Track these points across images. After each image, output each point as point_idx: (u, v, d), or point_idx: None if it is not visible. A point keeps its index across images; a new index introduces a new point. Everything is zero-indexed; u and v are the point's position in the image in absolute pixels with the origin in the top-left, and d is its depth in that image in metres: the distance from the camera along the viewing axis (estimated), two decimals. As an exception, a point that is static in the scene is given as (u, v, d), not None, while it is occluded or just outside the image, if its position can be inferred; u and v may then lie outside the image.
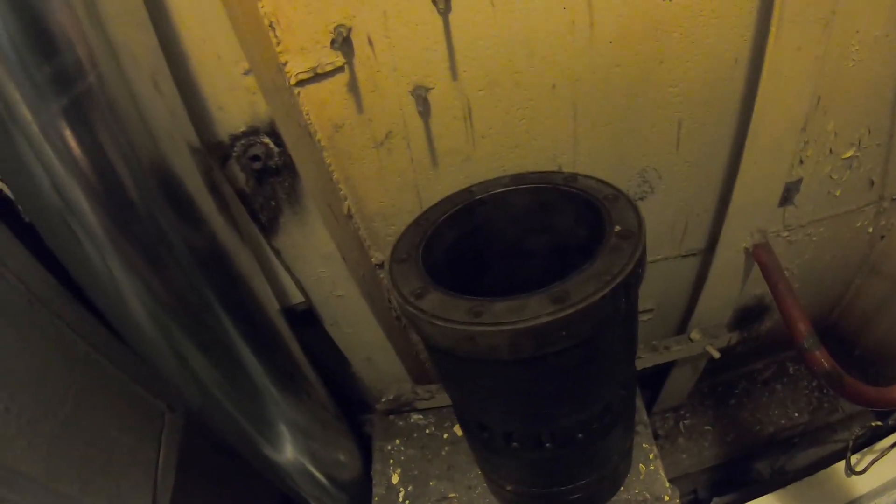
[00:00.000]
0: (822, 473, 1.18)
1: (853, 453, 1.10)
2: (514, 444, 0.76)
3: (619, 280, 0.59)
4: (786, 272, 1.32)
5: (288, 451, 1.02)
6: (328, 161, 0.90)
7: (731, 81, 0.90)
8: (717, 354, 1.13)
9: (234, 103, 0.72)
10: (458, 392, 0.76)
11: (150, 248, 0.68)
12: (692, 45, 0.84)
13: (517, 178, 0.82)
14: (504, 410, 0.71)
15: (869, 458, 1.11)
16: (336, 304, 0.95)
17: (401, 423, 1.18)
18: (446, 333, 0.60)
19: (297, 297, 0.91)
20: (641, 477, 1.03)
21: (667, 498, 1.00)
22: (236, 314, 0.81)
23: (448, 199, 0.82)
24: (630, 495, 1.01)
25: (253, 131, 0.76)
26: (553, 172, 0.81)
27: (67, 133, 0.59)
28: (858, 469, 1.10)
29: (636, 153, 0.96)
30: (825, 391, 1.54)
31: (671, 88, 0.89)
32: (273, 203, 0.83)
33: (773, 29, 0.79)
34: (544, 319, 0.56)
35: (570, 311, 0.57)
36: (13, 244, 0.81)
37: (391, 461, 1.14)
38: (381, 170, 0.91)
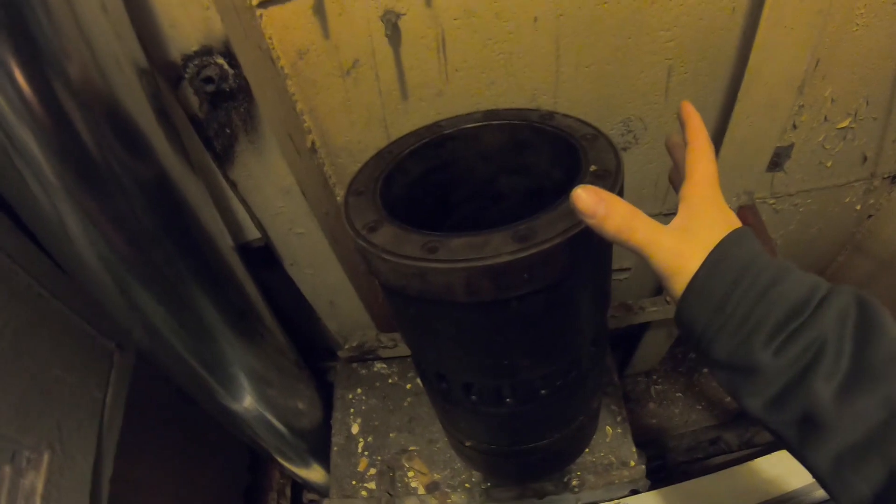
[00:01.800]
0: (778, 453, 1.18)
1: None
2: (474, 397, 0.73)
3: (589, 220, 0.55)
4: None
5: (244, 399, 1.00)
6: (291, 90, 0.84)
7: (727, 31, 0.84)
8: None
9: (188, 19, 0.66)
10: (415, 338, 0.73)
11: (94, 177, 0.63)
12: (688, -15, 0.79)
13: (490, 114, 0.77)
14: (462, 360, 0.68)
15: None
16: (296, 243, 0.91)
17: (363, 371, 1.16)
18: (397, 270, 0.57)
19: (253, 234, 0.87)
20: (608, 439, 1.03)
21: (632, 463, 1.00)
22: (184, 248, 0.76)
23: (415, 133, 0.77)
24: (595, 458, 1.01)
25: (206, 51, 0.70)
26: (529, 110, 0.76)
27: (7, 56, 0.54)
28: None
29: (621, 100, 0.92)
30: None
31: (662, 32, 0.84)
32: (228, 130, 0.78)
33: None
34: (506, 258, 0.52)
35: (535, 250, 0.52)
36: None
37: (352, 410, 1.12)
38: (348, 101, 0.86)
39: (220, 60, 0.72)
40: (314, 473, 1.28)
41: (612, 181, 0.60)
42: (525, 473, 0.95)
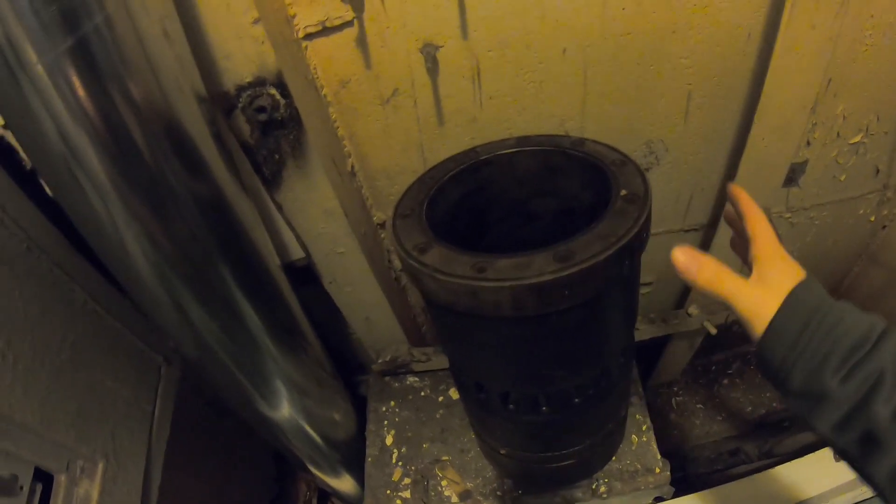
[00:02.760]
0: (809, 456, 1.21)
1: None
2: (511, 405, 0.78)
3: (623, 242, 0.60)
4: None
5: (283, 408, 1.04)
6: (333, 117, 0.90)
7: (744, 56, 0.89)
8: (713, 330, 1.15)
9: (242, 52, 0.72)
10: (458, 350, 0.78)
11: (154, 196, 0.67)
12: (706, 16, 0.84)
13: (523, 141, 0.83)
14: (503, 370, 0.73)
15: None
16: (336, 262, 0.96)
17: (396, 384, 1.21)
18: (449, 288, 0.62)
19: (297, 253, 0.92)
20: (634, 448, 1.06)
21: (658, 470, 1.04)
22: (237, 267, 0.82)
23: (453, 159, 0.83)
24: (622, 465, 1.05)
25: (259, 82, 0.75)
26: (560, 136, 0.82)
27: (73, 75, 0.58)
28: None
29: (644, 123, 0.97)
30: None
31: (682, 60, 0.89)
32: (277, 156, 0.83)
33: (787, 4, 0.79)
34: (549, 277, 0.57)
35: (575, 269, 0.58)
36: (13, 190, 0.81)
37: (385, 422, 1.16)
38: (387, 127, 0.92)
39: (273, 91, 0.77)
40: (345, 484, 1.32)
41: (641, 205, 0.65)
42: (556, 480, 0.99)
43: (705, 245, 1.15)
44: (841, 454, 0.53)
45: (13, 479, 0.70)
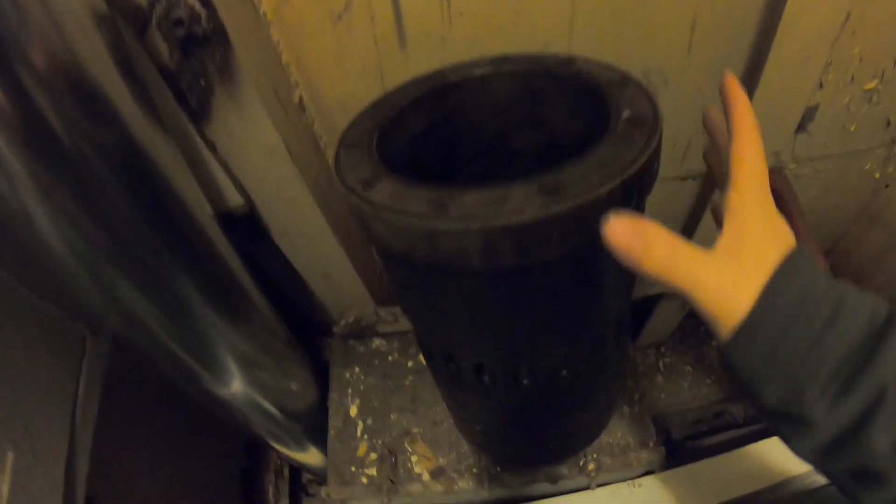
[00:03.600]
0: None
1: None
2: (486, 378, 0.64)
3: (630, 172, 0.44)
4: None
5: (233, 384, 0.89)
6: (276, 38, 0.72)
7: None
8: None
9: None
10: (419, 315, 0.62)
11: (54, 153, 0.52)
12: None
13: (500, 60, 0.66)
14: (475, 339, 0.58)
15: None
16: (284, 210, 0.79)
17: (361, 348, 1.06)
18: (400, 232, 0.46)
19: (235, 199, 0.76)
20: (624, 420, 0.93)
21: (651, 444, 0.91)
22: (157, 222, 0.65)
23: (415, 81, 0.66)
24: (612, 439, 0.92)
25: (173, -12, 0.58)
26: (544, 55, 0.65)
27: None
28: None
29: (641, 50, 0.80)
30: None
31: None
32: (203, 81, 0.66)
33: None
34: (531, 215, 0.41)
35: (565, 206, 0.42)
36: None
37: (349, 391, 1.02)
38: (340, 51, 0.74)
39: (191, 0, 0.60)
40: (311, 457, 1.19)
41: (650, 129, 0.49)
42: (538, 456, 0.86)
43: (704, 196, 1.00)
44: (827, 477, 0.40)
45: None
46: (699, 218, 1.01)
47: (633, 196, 0.47)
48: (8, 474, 0.66)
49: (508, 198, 0.43)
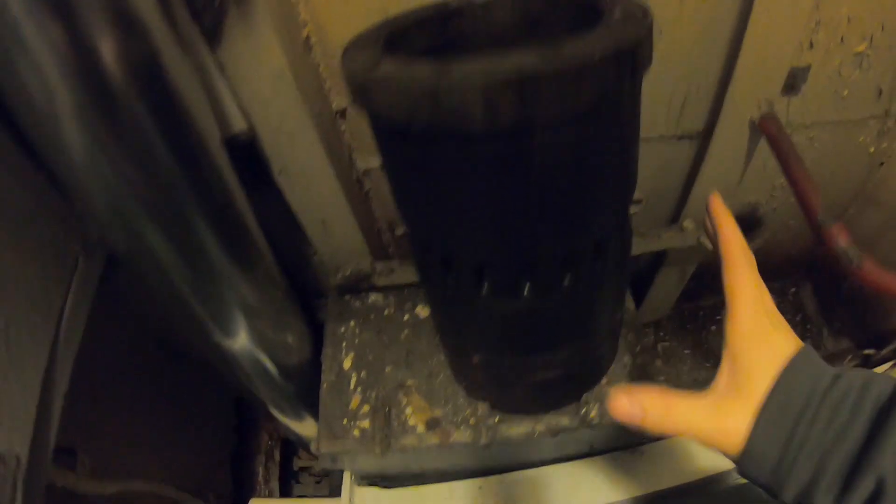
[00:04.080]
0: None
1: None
2: (486, 285, 0.65)
3: (624, 42, 0.48)
4: (780, 186, 1.23)
5: (238, 337, 0.89)
6: (285, -28, 0.77)
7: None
8: (710, 246, 1.03)
9: None
10: (417, 205, 0.62)
11: (82, 55, 0.54)
12: None
13: (500, -9, 0.70)
14: (475, 227, 0.59)
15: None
16: (286, 144, 0.82)
17: (357, 303, 1.06)
18: (403, 96, 0.48)
19: (240, 124, 0.78)
20: (626, 369, 0.94)
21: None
22: (178, 149, 0.67)
23: (420, 8, 0.69)
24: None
25: None
26: (543, -19, 0.69)
27: None
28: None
29: (636, -2, 0.85)
30: (809, 326, 1.46)
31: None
32: (217, 2, 0.69)
33: None
34: (531, 67, 0.44)
35: (565, 63, 0.45)
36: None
37: (344, 344, 1.02)
38: (346, -14, 0.78)
39: (210, -87, 0.64)
40: (307, 428, 1.18)
41: (642, 17, 0.53)
42: (538, 398, 0.85)
43: (700, 156, 1.03)
44: None
45: None
46: (694, 179, 1.04)
47: (627, 67, 0.50)
48: None
49: (509, 57, 0.45)
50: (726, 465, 1.02)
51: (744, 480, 0.49)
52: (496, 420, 0.90)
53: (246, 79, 0.75)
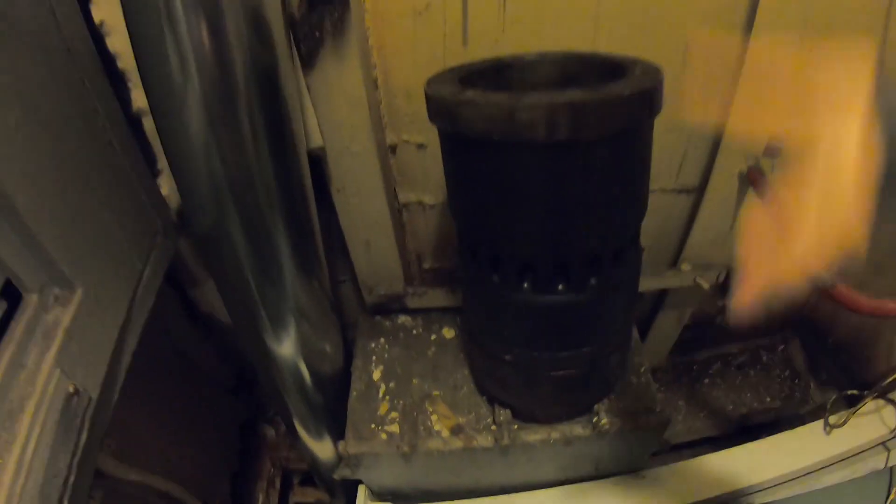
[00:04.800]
0: (800, 429, 1.23)
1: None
2: (526, 284, 0.80)
3: (646, 87, 0.67)
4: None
5: (285, 343, 1.00)
6: (368, 24, 0.96)
7: (734, 11, 1.01)
8: (706, 285, 1.19)
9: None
10: (478, 207, 0.79)
11: (223, 64, 0.71)
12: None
13: (543, 53, 0.90)
14: (523, 229, 0.75)
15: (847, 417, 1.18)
16: (348, 163, 0.98)
17: (387, 323, 1.19)
18: (486, 112, 0.66)
19: (317, 140, 0.95)
20: (633, 387, 1.07)
21: (658, 409, 1.04)
22: (276, 150, 0.83)
23: (480, 61, 0.89)
24: (623, 404, 1.05)
25: (316, -49, 0.81)
26: (575, 50, 0.90)
27: None
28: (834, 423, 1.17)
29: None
30: (797, 381, 1.60)
31: (682, 8, 1.00)
32: (318, 33, 0.87)
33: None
34: (581, 98, 0.63)
35: (605, 95, 0.64)
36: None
37: (374, 358, 1.14)
38: (415, 42, 0.98)
39: (328, -37, 0.82)
40: (324, 449, 1.25)
41: (656, 74, 0.73)
42: (557, 402, 0.98)
43: (695, 208, 1.21)
44: None
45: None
46: (691, 227, 1.22)
47: (647, 105, 0.69)
48: (73, 309, 0.75)
49: (566, 92, 0.64)
50: (729, 488, 1.14)
51: None
52: (516, 427, 1.01)
53: (328, 101, 0.93)
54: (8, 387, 0.69)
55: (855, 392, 1.21)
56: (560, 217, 0.73)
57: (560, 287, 0.80)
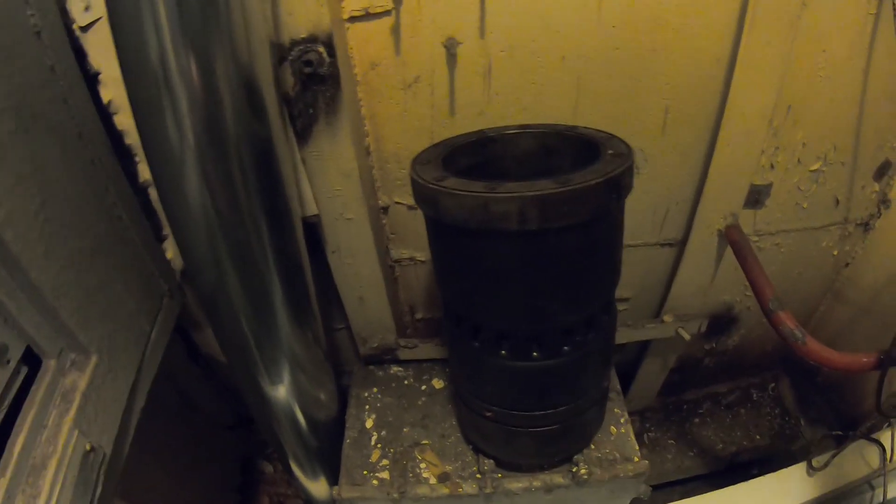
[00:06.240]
0: (784, 471, 1.32)
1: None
2: (504, 351, 0.91)
3: (612, 175, 0.77)
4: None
5: (280, 387, 1.10)
6: (360, 96, 1.08)
7: (713, 79, 1.11)
8: (687, 336, 1.29)
9: (303, 10, 0.90)
10: (461, 285, 0.89)
11: (220, 137, 0.81)
12: (682, 40, 1.06)
13: (524, 126, 1.02)
14: (502, 301, 0.86)
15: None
16: (343, 229, 1.10)
17: (380, 373, 1.30)
18: (464, 203, 0.76)
19: (312, 209, 1.06)
20: (613, 438, 1.17)
21: (636, 458, 1.14)
22: (271, 218, 0.93)
23: (463, 135, 1.01)
24: (601, 454, 1.15)
25: (311, 39, 0.93)
26: (556, 124, 1.01)
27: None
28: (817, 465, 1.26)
29: (627, 131, 1.14)
30: (787, 418, 1.70)
31: (661, 77, 1.10)
32: (311, 111, 0.99)
33: (746, 26, 1.02)
34: (549, 191, 0.73)
35: (571, 188, 0.74)
36: (79, 85, 0.94)
37: (367, 407, 1.24)
38: (405, 112, 1.09)
39: (321, 49, 0.94)
40: (319, 488, 1.35)
41: (625, 157, 0.83)
42: (538, 453, 1.08)
43: (679, 260, 1.32)
44: None
45: (4, 349, 0.77)
46: (673, 279, 1.32)
47: (614, 190, 0.79)
48: (89, 372, 0.87)
49: (536, 184, 0.75)
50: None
51: None
52: (499, 475, 1.11)
53: (322, 173, 1.04)
54: (31, 445, 0.80)
55: (840, 433, 1.30)
56: (533, 295, 0.84)
57: (535, 354, 0.90)
